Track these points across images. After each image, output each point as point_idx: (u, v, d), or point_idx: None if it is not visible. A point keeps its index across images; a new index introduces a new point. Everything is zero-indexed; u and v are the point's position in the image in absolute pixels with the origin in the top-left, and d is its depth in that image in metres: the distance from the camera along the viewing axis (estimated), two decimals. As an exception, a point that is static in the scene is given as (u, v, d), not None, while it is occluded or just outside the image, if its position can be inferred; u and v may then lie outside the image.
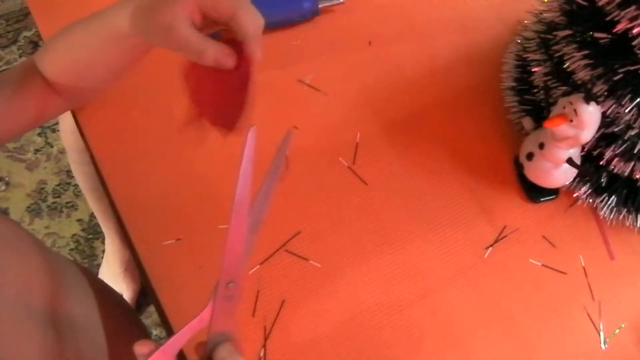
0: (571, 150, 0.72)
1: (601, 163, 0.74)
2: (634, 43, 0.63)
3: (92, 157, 0.80)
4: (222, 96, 0.58)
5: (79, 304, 0.72)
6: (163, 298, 0.70)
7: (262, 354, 0.68)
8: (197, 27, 0.56)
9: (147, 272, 0.72)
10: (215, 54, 0.54)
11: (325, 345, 0.69)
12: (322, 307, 0.71)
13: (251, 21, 0.54)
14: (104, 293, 0.80)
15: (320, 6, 0.92)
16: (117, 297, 0.94)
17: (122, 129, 0.82)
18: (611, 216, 0.77)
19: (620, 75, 0.65)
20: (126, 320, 0.88)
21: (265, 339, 0.68)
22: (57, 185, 1.75)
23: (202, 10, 0.55)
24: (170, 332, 0.69)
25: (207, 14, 0.56)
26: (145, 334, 0.94)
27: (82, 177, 1.28)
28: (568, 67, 0.71)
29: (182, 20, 0.54)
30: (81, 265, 0.82)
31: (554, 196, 0.80)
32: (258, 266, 0.72)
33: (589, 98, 0.66)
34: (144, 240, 0.74)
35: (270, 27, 0.91)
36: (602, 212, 0.77)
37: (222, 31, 0.59)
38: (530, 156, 0.76)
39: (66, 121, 1.12)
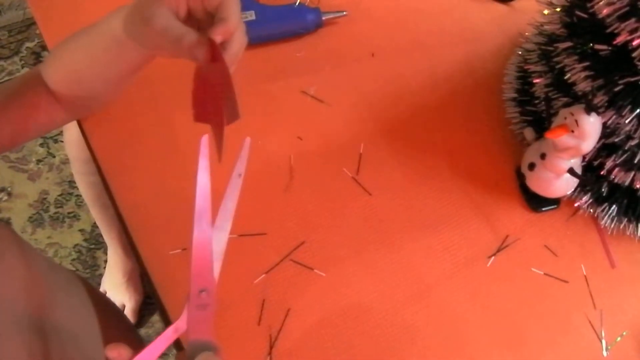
0: (572, 161, 0.73)
1: (602, 173, 0.74)
2: (634, 55, 0.64)
3: (98, 167, 0.81)
4: (206, 93, 0.59)
5: (70, 312, 0.72)
6: (169, 307, 0.71)
7: (268, 363, 0.68)
8: (180, 19, 0.59)
9: (153, 282, 0.73)
10: (190, 42, 0.56)
11: (330, 353, 0.70)
12: (327, 316, 0.72)
13: (236, 9, 0.59)
14: (100, 303, 0.81)
15: (323, 18, 0.93)
16: (115, 308, 0.94)
17: (128, 139, 0.83)
18: (612, 225, 0.78)
19: (621, 87, 0.66)
20: (123, 331, 0.88)
21: (271, 348, 0.69)
22: (59, 196, 1.75)
23: (189, 2, 0.59)
24: (176, 341, 0.69)
25: (195, 5, 0.59)
26: (141, 346, 0.94)
27: (85, 187, 1.28)
28: (569, 78, 0.71)
29: (164, 11, 0.57)
30: (80, 275, 0.82)
31: (555, 206, 0.81)
32: (264, 275, 0.73)
33: (589, 109, 0.67)
34: (150, 250, 0.75)
35: (275, 39, 0.92)
36: (603, 222, 0.78)
37: None
38: (531, 166, 0.77)
39: (71, 132, 1.13)
